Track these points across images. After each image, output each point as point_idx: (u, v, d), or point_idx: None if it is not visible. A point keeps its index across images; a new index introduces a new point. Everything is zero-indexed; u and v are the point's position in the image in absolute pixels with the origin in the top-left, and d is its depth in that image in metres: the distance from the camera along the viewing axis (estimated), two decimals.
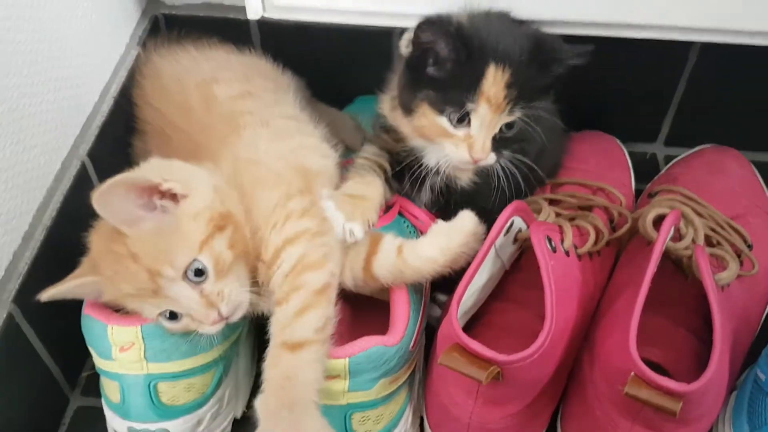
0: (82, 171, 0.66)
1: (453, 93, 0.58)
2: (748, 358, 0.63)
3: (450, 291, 0.57)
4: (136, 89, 0.72)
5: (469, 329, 0.61)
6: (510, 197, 0.62)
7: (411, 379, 0.61)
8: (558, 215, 0.66)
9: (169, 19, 0.80)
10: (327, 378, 0.53)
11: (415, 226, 0.66)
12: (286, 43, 0.78)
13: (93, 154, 0.67)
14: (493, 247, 0.58)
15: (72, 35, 0.66)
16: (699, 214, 0.64)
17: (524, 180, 0.63)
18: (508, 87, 0.57)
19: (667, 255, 0.59)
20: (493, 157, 0.60)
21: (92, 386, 0.62)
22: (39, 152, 0.61)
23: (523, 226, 0.62)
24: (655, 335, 0.63)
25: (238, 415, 0.65)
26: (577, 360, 0.61)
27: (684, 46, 0.76)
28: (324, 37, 0.78)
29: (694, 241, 0.60)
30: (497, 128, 0.59)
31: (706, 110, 0.82)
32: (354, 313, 0.65)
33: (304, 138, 0.64)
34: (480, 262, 0.57)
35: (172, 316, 0.54)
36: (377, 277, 0.58)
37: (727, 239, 0.64)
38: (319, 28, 0.77)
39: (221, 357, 0.60)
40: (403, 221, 0.65)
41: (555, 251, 0.59)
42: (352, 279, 0.59)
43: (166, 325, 0.54)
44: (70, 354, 0.65)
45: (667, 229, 0.57)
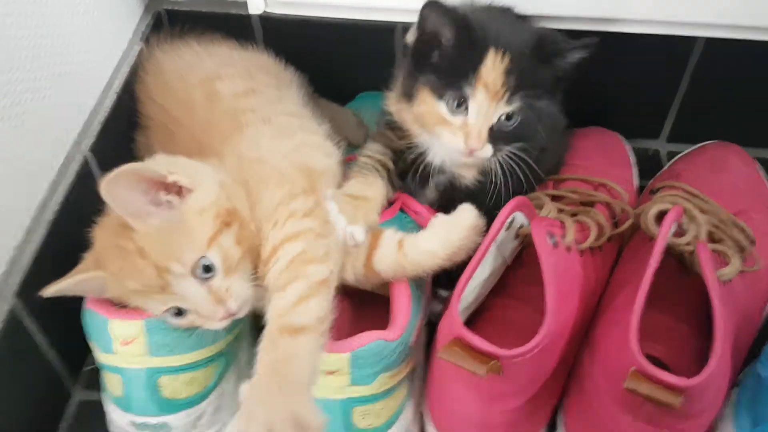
0: (85, 166, 0.66)
1: (453, 78, 0.58)
2: (750, 354, 0.62)
3: (451, 287, 0.57)
4: (139, 85, 0.72)
5: (470, 325, 0.60)
6: (515, 196, 0.62)
7: (412, 374, 0.61)
8: (560, 211, 0.66)
9: (171, 14, 0.80)
10: (327, 373, 0.53)
11: (416, 222, 0.66)
12: (288, 39, 0.78)
13: (95, 149, 0.67)
14: (494, 243, 0.58)
15: (75, 31, 0.66)
16: (701, 210, 0.64)
17: (526, 179, 0.63)
18: (507, 74, 0.57)
19: (669, 251, 0.59)
20: (489, 149, 0.60)
21: (94, 380, 0.62)
22: (41, 147, 0.61)
23: (525, 222, 0.62)
24: (657, 331, 0.62)
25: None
26: (578, 355, 0.61)
27: (687, 41, 0.76)
28: (326, 33, 0.78)
29: (696, 237, 0.59)
30: (495, 118, 0.59)
31: (709, 106, 0.82)
32: (355, 307, 0.65)
33: (307, 135, 0.63)
34: (481, 258, 0.57)
35: (178, 313, 0.54)
36: (378, 272, 0.58)
37: (729, 235, 0.64)
38: (321, 24, 0.77)
39: (223, 351, 0.60)
40: (405, 217, 0.65)
41: (556, 247, 0.59)
42: (353, 274, 0.59)
43: (171, 321, 0.54)
44: (73, 348, 0.65)
45: (669, 224, 0.57)
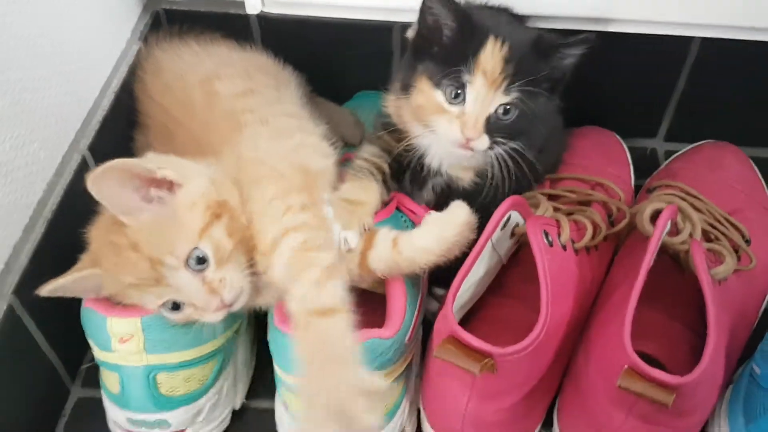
0: (83, 165, 0.66)
1: (452, 66, 0.58)
2: (745, 353, 0.63)
3: (447, 285, 0.57)
4: (138, 84, 0.72)
5: (466, 323, 0.61)
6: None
7: (407, 372, 0.61)
8: (556, 210, 0.66)
9: (170, 14, 0.80)
10: None
11: (412, 221, 0.66)
12: (286, 39, 0.78)
13: (94, 148, 0.68)
14: (489, 242, 0.58)
15: (73, 30, 0.66)
16: (697, 209, 0.64)
17: (525, 179, 0.63)
18: (506, 62, 0.57)
19: (664, 250, 0.59)
20: (485, 141, 0.59)
21: (93, 377, 0.62)
22: (40, 146, 0.61)
23: (521, 221, 0.62)
24: (651, 329, 0.63)
25: (237, 406, 0.65)
26: (573, 354, 0.61)
27: (684, 41, 0.76)
28: (324, 33, 0.78)
29: (691, 236, 0.60)
30: (492, 108, 0.59)
31: (706, 106, 0.82)
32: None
33: (304, 136, 0.63)
34: (476, 257, 0.57)
35: (174, 307, 0.54)
36: (373, 270, 0.58)
37: (725, 234, 0.64)
38: (318, 24, 0.77)
39: (221, 348, 0.60)
40: (401, 216, 0.65)
41: (552, 245, 0.59)
42: (349, 274, 0.59)
43: (168, 316, 0.55)
44: (71, 345, 0.66)
45: (663, 223, 0.57)
